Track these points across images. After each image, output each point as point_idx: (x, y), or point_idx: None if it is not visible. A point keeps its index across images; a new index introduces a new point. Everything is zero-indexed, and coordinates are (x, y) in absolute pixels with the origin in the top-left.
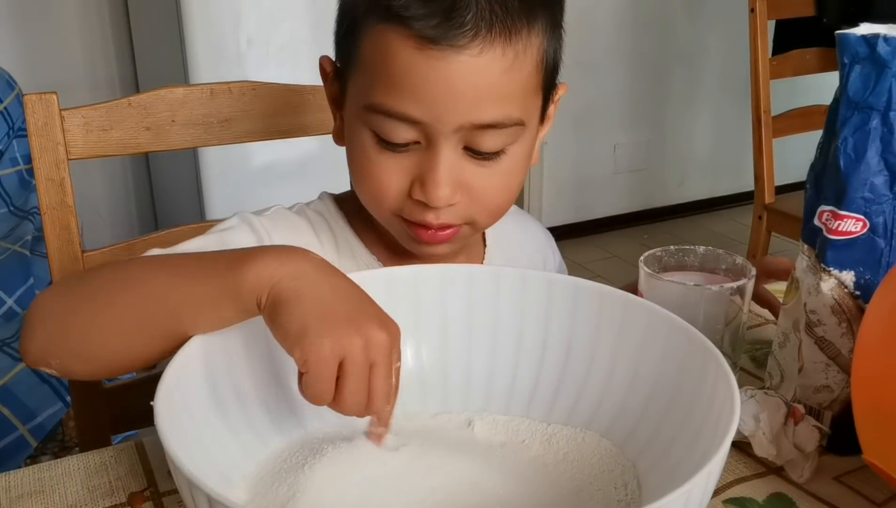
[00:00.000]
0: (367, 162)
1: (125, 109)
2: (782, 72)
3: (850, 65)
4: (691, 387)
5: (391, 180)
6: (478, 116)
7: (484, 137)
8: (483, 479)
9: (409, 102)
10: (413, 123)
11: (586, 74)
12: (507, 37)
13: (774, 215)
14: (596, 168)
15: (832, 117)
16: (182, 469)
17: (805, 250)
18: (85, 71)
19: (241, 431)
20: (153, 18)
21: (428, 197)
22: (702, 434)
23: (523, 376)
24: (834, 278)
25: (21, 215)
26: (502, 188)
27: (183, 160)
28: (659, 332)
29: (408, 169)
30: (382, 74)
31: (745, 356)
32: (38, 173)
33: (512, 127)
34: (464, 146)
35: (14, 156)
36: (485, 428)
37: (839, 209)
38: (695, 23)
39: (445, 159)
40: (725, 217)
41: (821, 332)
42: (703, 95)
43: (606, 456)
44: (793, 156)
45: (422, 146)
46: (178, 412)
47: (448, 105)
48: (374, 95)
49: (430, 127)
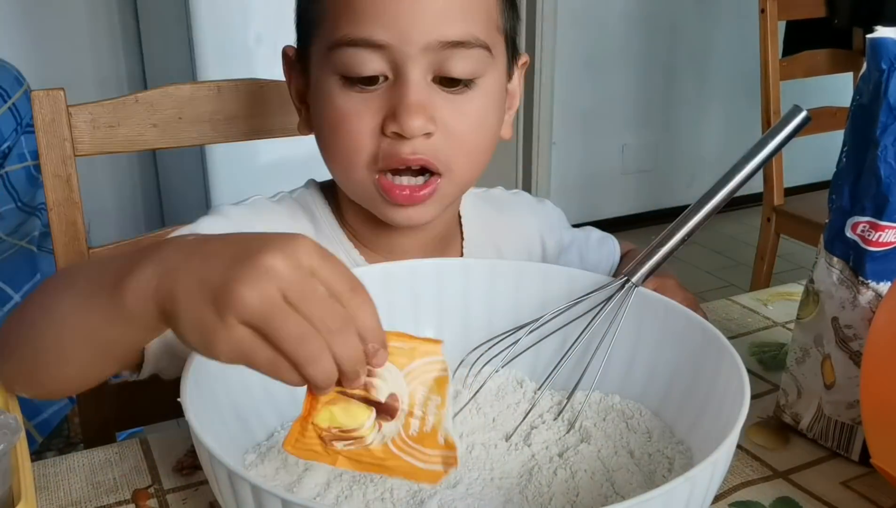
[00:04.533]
0: (335, 113)
1: (132, 106)
2: (792, 73)
3: (890, 70)
4: (705, 380)
5: (363, 122)
6: (443, 33)
7: (452, 59)
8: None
9: (374, 25)
10: (380, 48)
11: (595, 73)
12: None
13: (783, 217)
14: (604, 168)
15: (860, 124)
16: (204, 443)
17: (834, 263)
18: (93, 68)
19: (261, 403)
20: (162, 15)
21: (402, 126)
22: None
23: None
24: (872, 291)
25: (28, 210)
26: (476, 126)
27: (190, 157)
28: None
29: (378, 108)
30: (347, 7)
31: (753, 358)
32: (45, 170)
33: (478, 49)
34: (433, 77)
35: (22, 152)
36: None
37: (879, 220)
38: (704, 23)
39: (416, 85)
40: (734, 219)
41: (857, 347)
42: (713, 95)
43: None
44: (802, 158)
45: (390, 82)
46: (203, 391)
47: (413, 22)
48: (339, 30)
49: (397, 50)
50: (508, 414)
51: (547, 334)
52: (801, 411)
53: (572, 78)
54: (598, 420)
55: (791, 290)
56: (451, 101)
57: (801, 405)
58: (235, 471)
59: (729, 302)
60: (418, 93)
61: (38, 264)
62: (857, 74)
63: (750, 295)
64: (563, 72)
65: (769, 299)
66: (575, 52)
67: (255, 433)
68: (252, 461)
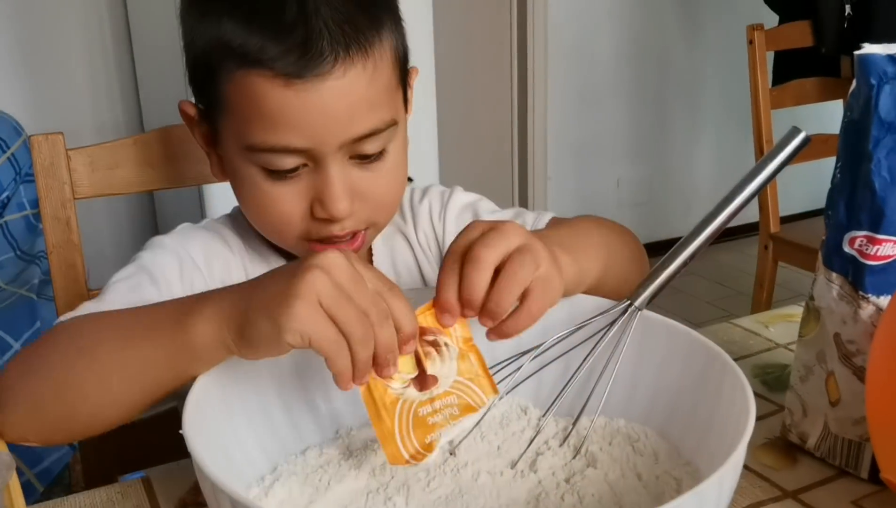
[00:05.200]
0: (262, 196)
1: (130, 148)
2: (783, 102)
3: (879, 85)
4: (710, 398)
5: (292, 208)
6: (356, 131)
7: (365, 144)
8: None
9: (289, 135)
10: (298, 152)
11: (587, 107)
12: (364, 52)
13: (780, 244)
14: (599, 202)
15: (853, 139)
16: (207, 473)
17: (833, 278)
18: (91, 116)
19: (265, 438)
20: (158, 63)
21: (330, 212)
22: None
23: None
24: (873, 305)
25: (28, 259)
26: (392, 184)
27: (187, 198)
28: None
29: (303, 192)
30: (256, 115)
31: (756, 380)
32: (45, 213)
33: (387, 129)
34: (349, 156)
35: (21, 201)
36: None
37: (876, 234)
38: (694, 55)
39: (336, 174)
40: (731, 248)
41: (860, 362)
42: (705, 126)
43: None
44: (797, 185)
45: (310, 168)
46: (206, 419)
47: (327, 129)
48: (253, 135)
49: (315, 151)
50: (513, 441)
51: (549, 360)
52: (807, 429)
53: (565, 112)
54: (603, 444)
55: (791, 312)
56: (368, 170)
57: (807, 423)
58: (238, 499)
59: (730, 325)
60: (340, 179)
61: (38, 311)
62: (846, 101)
63: (751, 318)
64: (555, 106)
65: (770, 321)
66: (567, 86)
67: (258, 467)
68: (256, 494)
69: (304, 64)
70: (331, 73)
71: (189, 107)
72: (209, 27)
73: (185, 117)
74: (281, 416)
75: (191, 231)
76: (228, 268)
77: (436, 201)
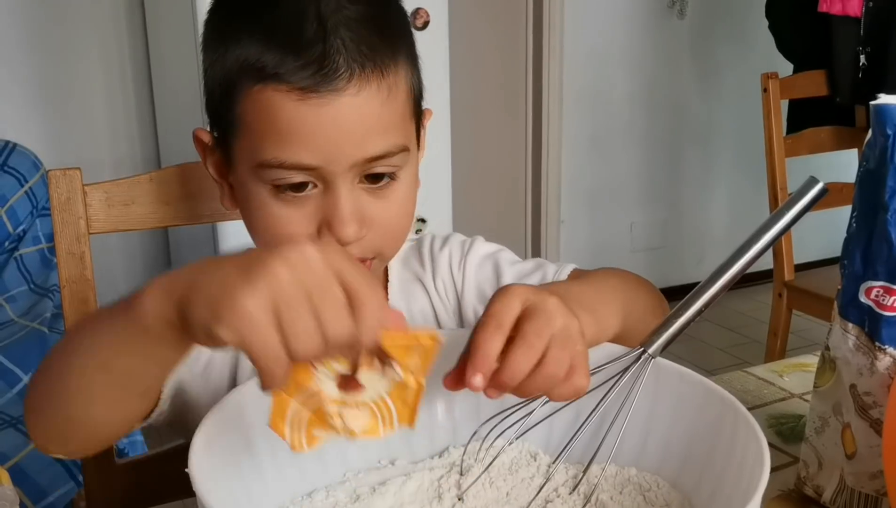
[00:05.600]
0: (269, 218)
1: (146, 185)
2: (797, 150)
3: (895, 135)
4: (723, 448)
5: (299, 230)
6: (368, 151)
7: (375, 168)
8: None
9: (301, 151)
10: (309, 169)
11: (602, 152)
12: (379, 72)
13: (795, 292)
14: (613, 246)
15: (868, 189)
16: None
17: (849, 329)
18: (109, 151)
19: (271, 478)
20: (176, 100)
21: (338, 236)
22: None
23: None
24: (890, 356)
25: (41, 292)
26: (401, 215)
27: (201, 234)
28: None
29: (311, 214)
30: (270, 130)
31: (771, 430)
32: (59, 248)
33: (399, 154)
34: (359, 180)
35: (37, 235)
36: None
37: (893, 284)
38: (707, 102)
39: (345, 197)
40: (745, 296)
41: (877, 414)
42: (719, 173)
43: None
44: (811, 234)
45: (320, 189)
46: (212, 459)
47: (339, 146)
48: (265, 152)
49: (326, 170)
50: (522, 488)
51: (561, 405)
52: (823, 483)
53: (579, 156)
54: (614, 494)
55: (806, 361)
56: (378, 196)
57: (822, 476)
58: None
59: (744, 374)
60: (349, 202)
61: (49, 345)
62: (860, 150)
63: (765, 367)
64: (569, 150)
65: (784, 371)
66: (581, 131)
67: None
68: None
69: (319, 79)
70: (346, 89)
71: (204, 134)
72: (229, 48)
73: (199, 145)
74: (287, 458)
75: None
76: None
77: (456, 250)
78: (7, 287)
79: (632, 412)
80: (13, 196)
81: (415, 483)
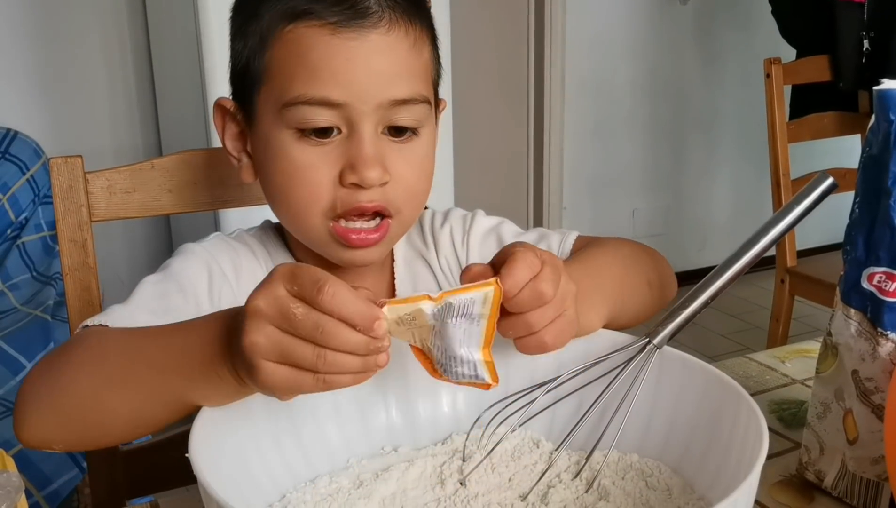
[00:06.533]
0: (292, 165)
1: (148, 172)
2: (800, 135)
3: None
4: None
5: (320, 173)
6: (394, 93)
7: (399, 113)
8: None
9: (330, 85)
10: (335, 106)
11: (604, 139)
12: (407, 18)
13: (797, 278)
14: (615, 233)
15: (871, 175)
16: (214, 499)
17: (851, 315)
18: (110, 139)
19: (274, 464)
20: (178, 88)
21: (361, 177)
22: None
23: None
24: (892, 342)
25: (44, 280)
26: (420, 172)
27: (203, 222)
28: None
29: (334, 160)
30: (300, 67)
31: (773, 416)
32: (62, 235)
33: (422, 104)
34: (382, 129)
35: (39, 222)
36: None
37: (895, 270)
38: (710, 88)
39: (370, 139)
40: (747, 282)
41: (879, 399)
42: (721, 159)
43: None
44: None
45: (343, 135)
46: (214, 445)
47: (367, 82)
48: (294, 89)
49: (352, 108)
50: (525, 474)
51: (564, 394)
52: (824, 468)
53: (581, 144)
54: (616, 479)
55: (808, 347)
56: (400, 150)
57: (824, 461)
58: None
59: (746, 360)
60: (373, 146)
61: (52, 333)
62: (864, 136)
63: (767, 353)
64: (572, 138)
65: (787, 357)
66: (583, 118)
67: (267, 495)
68: None
69: (351, 14)
70: (376, 26)
71: (226, 101)
72: (261, 2)
73: (219, 115)
74: (291, 443)
75: (222, 241)
76: (255, 280)
77: (457, 227)
78: (10, 275)
79: (635, 401)
80: (15, 184)
81: (417, 469)
